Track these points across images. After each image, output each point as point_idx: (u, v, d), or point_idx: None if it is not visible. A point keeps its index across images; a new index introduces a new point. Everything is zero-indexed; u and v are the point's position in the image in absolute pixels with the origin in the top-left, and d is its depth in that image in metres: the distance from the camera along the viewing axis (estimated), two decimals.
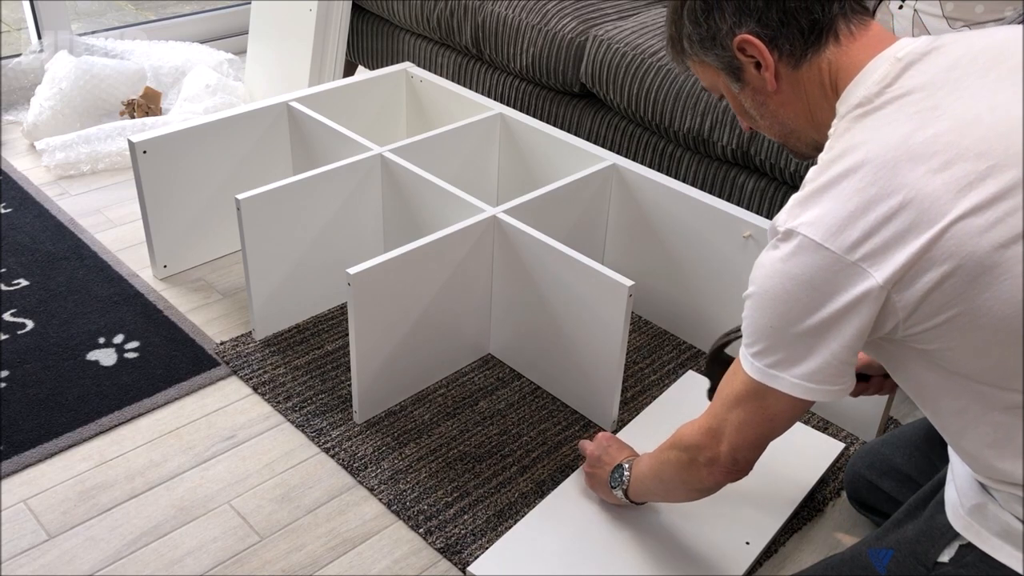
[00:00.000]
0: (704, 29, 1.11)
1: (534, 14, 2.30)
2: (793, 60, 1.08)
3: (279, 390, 1.81)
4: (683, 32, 1.14)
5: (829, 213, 0.98)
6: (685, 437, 1.25)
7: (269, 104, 2.11)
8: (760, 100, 1.14)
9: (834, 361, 1.03)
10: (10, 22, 3.75)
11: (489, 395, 1.83)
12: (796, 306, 1.01)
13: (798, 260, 1.00)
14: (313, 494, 1.61)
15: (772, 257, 1.03)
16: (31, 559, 1.47)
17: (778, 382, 1.06)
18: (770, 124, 1.17)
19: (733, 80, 1.14)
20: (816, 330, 1.01)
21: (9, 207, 2.35)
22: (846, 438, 1.74)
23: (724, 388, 1.16)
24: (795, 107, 1.12)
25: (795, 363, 1.05)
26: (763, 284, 1.04)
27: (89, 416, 1.73)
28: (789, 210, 1.03)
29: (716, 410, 1.18)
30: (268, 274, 1.89)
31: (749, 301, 1.07)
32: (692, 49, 1.15)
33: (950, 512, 1.13)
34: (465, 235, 1.73)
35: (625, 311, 1.60)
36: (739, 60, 1.10)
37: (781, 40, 1.07)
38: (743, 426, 1.15)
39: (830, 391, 1.06)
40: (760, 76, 1.10)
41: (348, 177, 1.92)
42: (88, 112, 2.73)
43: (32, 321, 1.96)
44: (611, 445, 1.53)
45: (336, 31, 2.66)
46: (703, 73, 1.18)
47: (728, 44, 1.09)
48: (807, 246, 0.99)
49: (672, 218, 1.90)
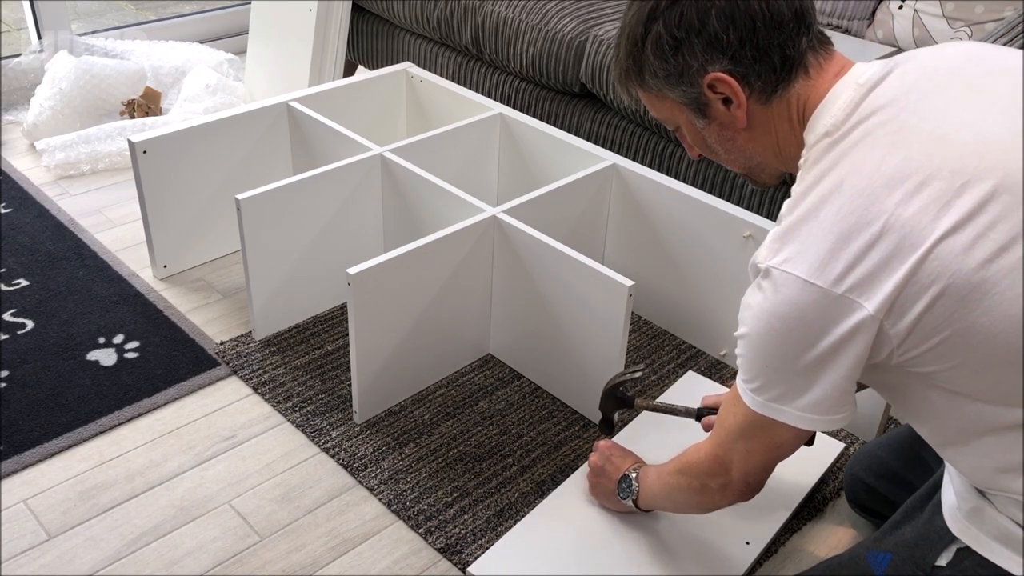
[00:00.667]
0: (672, 65, 1.08)
1: (534, 14, 2.30)
2: (764, 96, 1.07)
3: (279, 390, 1.81)
4: (645, 66, 1.11)
5: (810, 248, 0.98)
6: (694, 465, 1.24)
7: (269, 104, 2.11)
8: (727, 136, 1.12)
9: (834, 392, 1.02)
10: (10, 22, 3.75)
11: (489, 395, 1.83)
12: (790, 345, 1.01)
13: (785, 299, 0.99)
14: (313, 494, 1.61)
15: (758, 299, 1.03)
16: (31, 559, 1.47)
17: (782, 415, 1.06)
18: (735, 158, 1.16)
19: (698, 116, 1.12)
20: (814, 365, 1.01)
21: (9, 207, 2.35)
22: (845, 438, 1.74)
23: (726, 419, 1.15)
24: (763, 141, 1.11)
25: (796, 396, 1.04)
26: (754, 326, 1.04)
27: (89, 416, 1.73)
28: (768, 246, 1.02)
29: (721, 439, 1.17)
30: (268, 274, 1.89)
31: (742, 342, 1.07)
32: (655, 83, 1.12)
33: (947, 515, 1.12)
34: (465, 235, 1.73)
35: (625, 311, 1.60)
36: (707, 96, 1.08)
37: (753, 77, 1.06)
38: (750, 454, 1.14)
39: (833, 420, 1.05)
40: (729, 113, 1.09)
41: (348, 177, 1.92)
42: (88, 112, 2.73)
43: (32, 321, 1.96)
44: (613, 454, 1.51)
45: (336, 31, 2.66)
46: (660, 106, 1.16)
47: (697, 81, 1.07)
48: (792, 284, 0.98)
49: (672, 218, 1.90)
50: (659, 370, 1.91)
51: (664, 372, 1.90)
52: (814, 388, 1.03)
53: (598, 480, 1.52)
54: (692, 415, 1.54)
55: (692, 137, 1.17)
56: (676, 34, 1.06)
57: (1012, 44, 1.67)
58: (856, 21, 2.24)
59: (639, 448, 1.68)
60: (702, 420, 1.53)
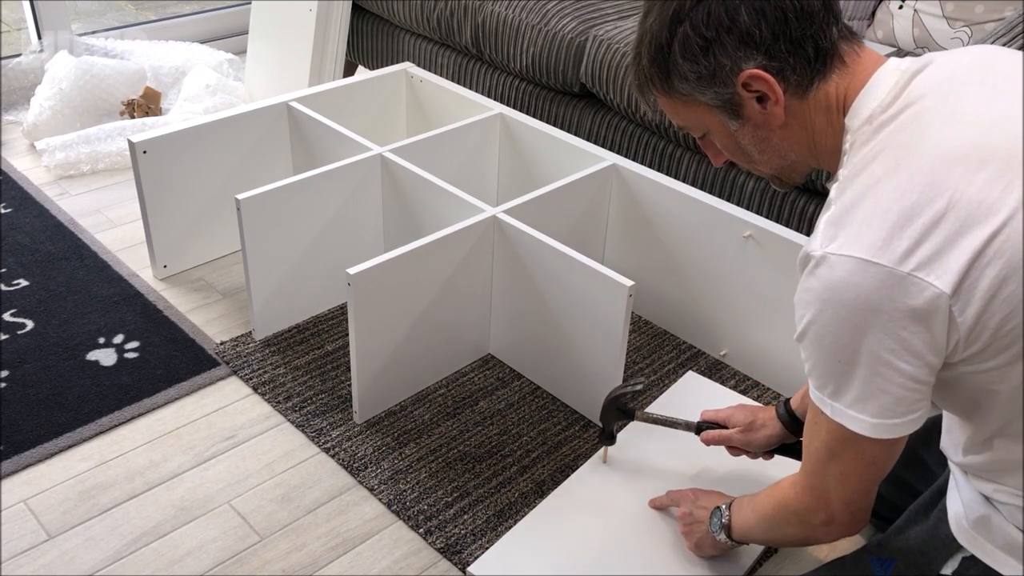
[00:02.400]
0: (703, 67, 1.03)
1: (534, 14, 2.30)
2: (801, 90, 1.03)
3: (279, 390, 1.81)
4: (673, 71, 1.06)
5: (869, 228, 0.93)
6: (791, 500, 1.17)
7: (269, 104, 2.11)
8: (762, 135, 1.08)
9: (914, 385, 0.96)
10: (10, 22, 3.75)
11: (489, 395, 1.83)
12: (859, 333, 0.94)
13: (846, 283, 0.93)
14: (313, 494, 1.61)
15: (815, 288, 0.96)
16: (31, 559, 1.47)
17: (862, 425, 1.00)
18: (769, 159, 1.11)
19: (731, 118, 1.07)
20: (888, 357, 0.95)
21: (9, 207, 2.35)
22: None
23: (811, 441, 1.09)
24: (799, 137, 1.07)
25: (871, 397, 0.98)
26: (816, 317, 0.97)
27: (89, 416, 1.73)
28: (822, 233, 0.97)
29: (813, 466, 1.10)
30: (268, 274, 1.89)
31: (804, 342, 1.01)
32: (685, 88, 1.07)
33: (953, 524, 1.11)
34: (465, 235, 1.73)
35: (625, 311, 1.60)
36: (740, 96, 1.04)
37: (788, 71, 1.02)
38: (847, 477, 1.07)
39: (913, 420, 0.99)
40: (764, 111, 1.05)
41: (348, 177, 1.92)
42: (88, 112, 2.73)
43: (32, 321, 1.96)
44: (699, 497, 1.45)
45: (336, 31, 2.66)
46: (687, 112, 1.11)
47: (731, 80, 1.03)
48: (854, 267, 0.93)
49: (672, 218, 1.90)
50: (659, 370, 1.91)
51: (664, 372, 1.90)
52: (889, 387, 0.96)
53: (691, 528, 1.44)
54: (692, 428, 1.54)
55: (723, 141, 1.12)
56: (706, 34, 1.02)
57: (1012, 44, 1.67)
58: (856, 21, 2.24)
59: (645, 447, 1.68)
60: (701, 435, 1.52)
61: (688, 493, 1.48)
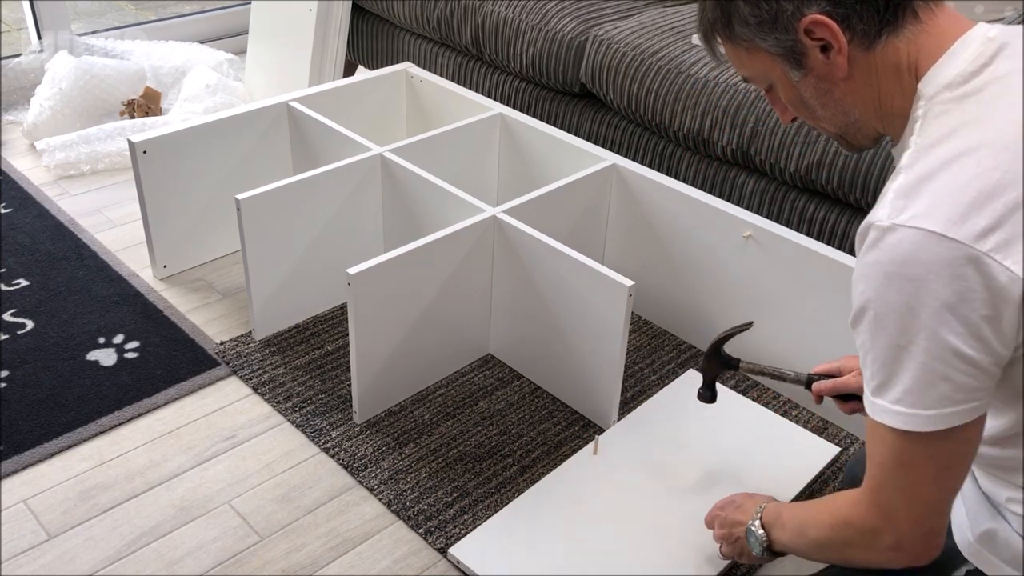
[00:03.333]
0: (765, 11, 0.98)
1: (534, 14, 2.30)
2: (867, 41, 0.97)
3: (279, 390, 1.81)
4: (735, 15, 1.01)
5: (946, 200, 0.87)
6: (853, 518, 1.06)
7: (269, 104, 2.11)
8: (824, 88, 1.02)
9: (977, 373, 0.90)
10: (10, 22, 3.75)
11: (489, 395, 1.83)
12: (924, 314, 0.88)
13: (916, 257, 0.87)
14: (313, 494, 1.61)
15: (879, 260, 0.89)
16: (31, 559, 1.47)
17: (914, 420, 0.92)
18: (832, 115, 1.05)
19: (793, 67, 1.01)
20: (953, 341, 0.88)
21: (9, 207, 2.35)
22: (846, 438, 1.74)
23: (874, 451, 1.00)
24: (864, 94, 1.01)
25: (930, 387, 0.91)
26: (876, 293, 0.90)
27: (89, 416, 1.73)
28: (891, 203, 0.90)
29: (877, 480, 1.00)
30: (268, 274, 1.89)
31: (861, 324, 0.93)
32: (746, 33, 1.01)
33: (958, 536, 1.08)
34: (465, 235, 1.73)
35: (625, 311, 1.60)
36: (803, 44, 0.98)
37: (855, 19, 0.95)
38: (917, 488, 0.97)
39: (974, 408, 0.92)
40: (827, 61, 0.99)
41: (348, 177, 1.92)
42: (88, 112, 2.73)
43: (32, 321, 1.96)
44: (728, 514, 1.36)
45: (336, 31, 2.66)
46: (750, 61, 1.05)
47: (793, 26, 0.97)
48: (925, 240, 0.86)
49: (672, 218, 1.90)
50: (659, 370, 1.91)
51: (664, 372, 1.90)
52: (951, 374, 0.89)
53: (734, 548, 1.36)
54: (801, 381, 1.42)
55: (786, 94, 1.06)
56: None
57: None
58: None
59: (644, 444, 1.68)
60: (813, 386, 1.40)
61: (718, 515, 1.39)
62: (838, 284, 1.67)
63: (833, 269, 1.67)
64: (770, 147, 1.92)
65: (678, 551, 1.48)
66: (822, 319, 1.72)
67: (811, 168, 1.87)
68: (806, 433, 1.73)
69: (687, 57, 2.08)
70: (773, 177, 1.98)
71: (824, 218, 1.92)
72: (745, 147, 1.97)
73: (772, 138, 1.91)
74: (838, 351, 1.71)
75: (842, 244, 1.90)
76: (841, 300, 1.68)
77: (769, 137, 1.92)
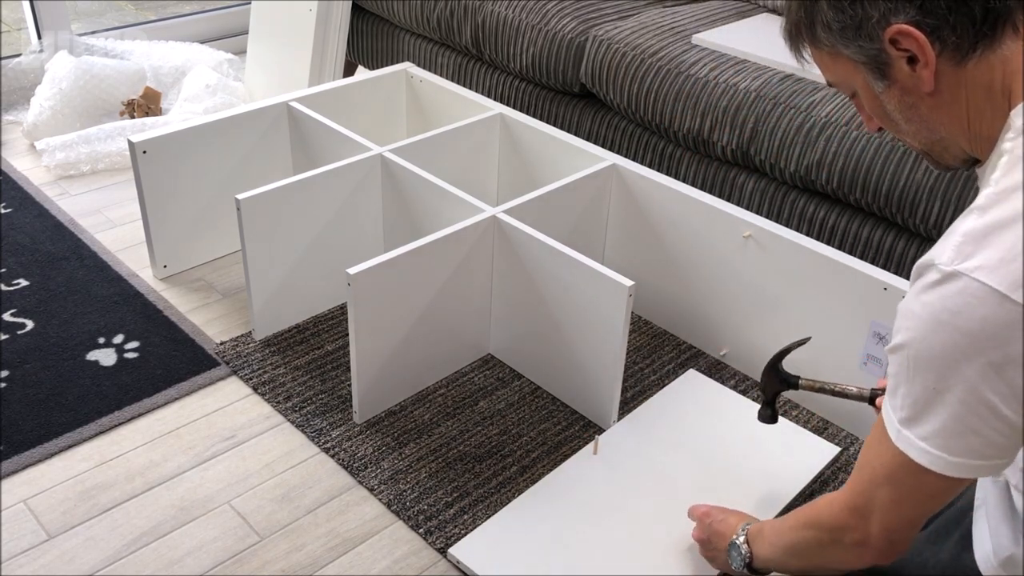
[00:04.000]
0: (849, 16, 0.92)
1: (534, 14, 2.30)
2: (958, 56, 0.90)
3: (279, 390, 1.81)
4: (818, 17, 0.96)
5: (1017, 258, 0.82)
6: (824, 516, 1.08)
7: (269, 104, 2.11)
8: (909, 102, 0.96)
9: (1010, 432, 0.87)
10: (10, 22, 3.75)
11: (489, 395, 1.83)
12: (969, 366, 0.84)
13: (974, 312, 0.83)
14: (313, 494, 1.61)
15: (932, 304, 0.85)
16: (31, 559, 1.47)
17: (937, 462, 0.90)
18: (916, 130, 0.99)
19: (876, 77, 0.96)
20: (991, 398, 0.85)
21: (9, 207, 2.35)
22: (846, 438, 1.74)
23: (870, 459, 0.99)
24: (951, 112, 0.94)
25: (959, 435, 0.88)
26: (924, 334, 0.86)
27: (89, 416, 1.73)
28: (957, 247, 0.85)
29: (861, 485, 1.00)
30: (268, 274, 1.89)
31: (899, 356, 0.90)
32: (828, 38, 0.96)
33: (980, 558, 1.05)
34: (465, 235, 1.73)
35: (625, 311, 1.60)
36: (888, 54, 0.92)
37: (946, 32, 0.88)
38: (898, 505, 0.97)
39: (998, 465, 0.90)
40: (914, 74, 0.93)
41: (348, 177, 1.92)
42: (88, 112, 2.73)
43: (32, 321, 1.96)
44: (713, 520, 1.37)
45: (336, 31, 2.66)
46: (833, 66, 1.00)
47: (877, 35, 0.91)
48: (987, 296, 0.82)
49: (672, 218, 1.90)
50: (659, 370, 1.91)
51: (664, 372, 1.90)
52: (985, 428, 0.86)
53: (712, 555, 1.38)
54: (864, 397, 1.39)
55: (870, 104, 1.00)
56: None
57: None
58: None
59: (643, 443, 1.68)
60: (875, 401, 1.37)
61: (701, 515, 1.40)
62: (838, 284, 1.67)
63: (833, 269, 1.67)
64: (770, 147, 1.92)
65: (678, 551, 1.48)
66: (822, 319, 1.72)
67: (811, 168, 1.87)
68: (806, 433, 1.73)
69: (687, 57, 2.08)
70: (773, 177, 1.98)
71: (824, 218, 1.92)
72: (745, 147, 1.97)
73: (772, 138, 1.91)
74: (838, 351, 1.71)
75: (842, 244, 1.90)
76: (841, 300, 1.68)
77: (769, 137, 1.92)
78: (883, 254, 1.85)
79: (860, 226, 1.87)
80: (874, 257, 1.86)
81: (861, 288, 1.64)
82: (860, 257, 1.87)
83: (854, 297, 1.65)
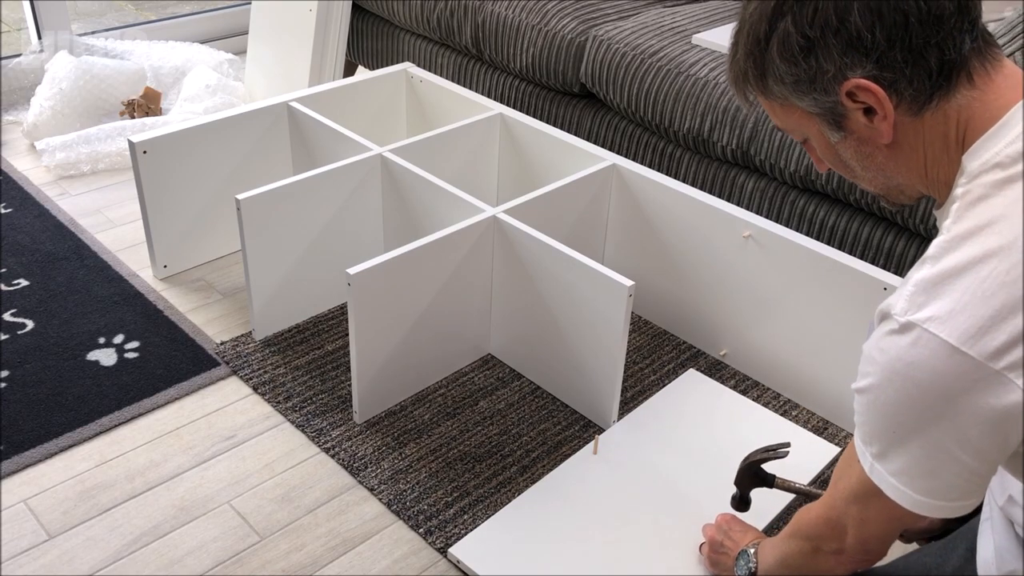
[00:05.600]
0: (803, 70, 0.91)
1: (534, 14, 2.30)
2: (915, 107, 0.89)
3: (279, 390, 1.81)
4: (769, 69, 0.93)
5: (966, 309, 0.81)
6: (805, 526, 1.11)
7: (269, 104, 2.11)
8: (866, 152, 0.95)
9: (971, 477, 0.87)
10: (10, 22, 3.75)
11: (489, 395, 1.83)
12: (924, 416, 0.85)
13: (926, 365, 0.83)
14: (313, 494, 1.61)
15: (889, 353, 0.86)
16: (31, 559, 1.47)
17: (903, 497, 0.91)
18: (873, 176, 0.98)
19: (832, 129, 0.95)
20: (950, 446, 0.85)
21: (9, 207, 2.35)
22: (846, 439, 1.74)
23: (841, 478, 1.01)
24: (909, 160, 0.94)
25: (921, 477, 0.89)
26: (881, 383, 0.87)
27: (89, 416, 1.73)
28: (910, 297, 0.85)
29: (835, 501, 1.03)
30: (268, 274, 1.89)
31: (864, 397, 0.91)
32: (781, 91, 0.94)
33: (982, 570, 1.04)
34: (465, 235, 1.73)
35: (625, 311, 1.60)
36: (844, 106, 0.91)
37: (903, 85, 0.88)
38: (866, 523, 1.00)
39: (962, 506, 0.90)
40: (871, 125, 0.92)
41: (348, 177, 1.92)
42: (88, 112, 2.73)
43: (32, 321, 1.96)
44: (732, 528, 1.40)
45: (336, 31, 2.66)
46: (784, 116, 0.98)
47: (833, 88, 0.90)
48: (938, 349, 0.82)
49: (672, 218, 1.90)
50: (659, 370, 1.91)
51: (664, 372, 1.90)
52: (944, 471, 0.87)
53: (716, 556, 1.40)
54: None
55: (823, 151, 1.00)
56: (808, 33, 0.89)
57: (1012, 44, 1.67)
58: None
59: (643, 443, 1.68)
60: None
61: (723, 521, 1.42)
62: (838, 284, 1.67)
63: (833, 269, 1.67)
64: (770, 147, 1.92)
65: (678, 551, 1.48)
66: (822, 319, 1.72)
67: (811, 168, 1.87)
68: (806, 433, 1.73)
69: (687, 57, 2.08)
70: (773, 177, 1.98)
71: (824, 218, 1.92)
72: (745, 147, 1.97)
73: (772, 138, 1.92)
74: (838, 352, 1.71)
75: (841, 244, 1.90)
76: (841, 300, 1.68)
77: (769, 137, 1.92)
78: (883, 254, 1.85)
79: (860, 226, 1.88)
80: (874, 257, 1.86)
81: (861, 288, 1.64)
82: (860, 257, 1.87)
83: (854, 297, 1.65)
